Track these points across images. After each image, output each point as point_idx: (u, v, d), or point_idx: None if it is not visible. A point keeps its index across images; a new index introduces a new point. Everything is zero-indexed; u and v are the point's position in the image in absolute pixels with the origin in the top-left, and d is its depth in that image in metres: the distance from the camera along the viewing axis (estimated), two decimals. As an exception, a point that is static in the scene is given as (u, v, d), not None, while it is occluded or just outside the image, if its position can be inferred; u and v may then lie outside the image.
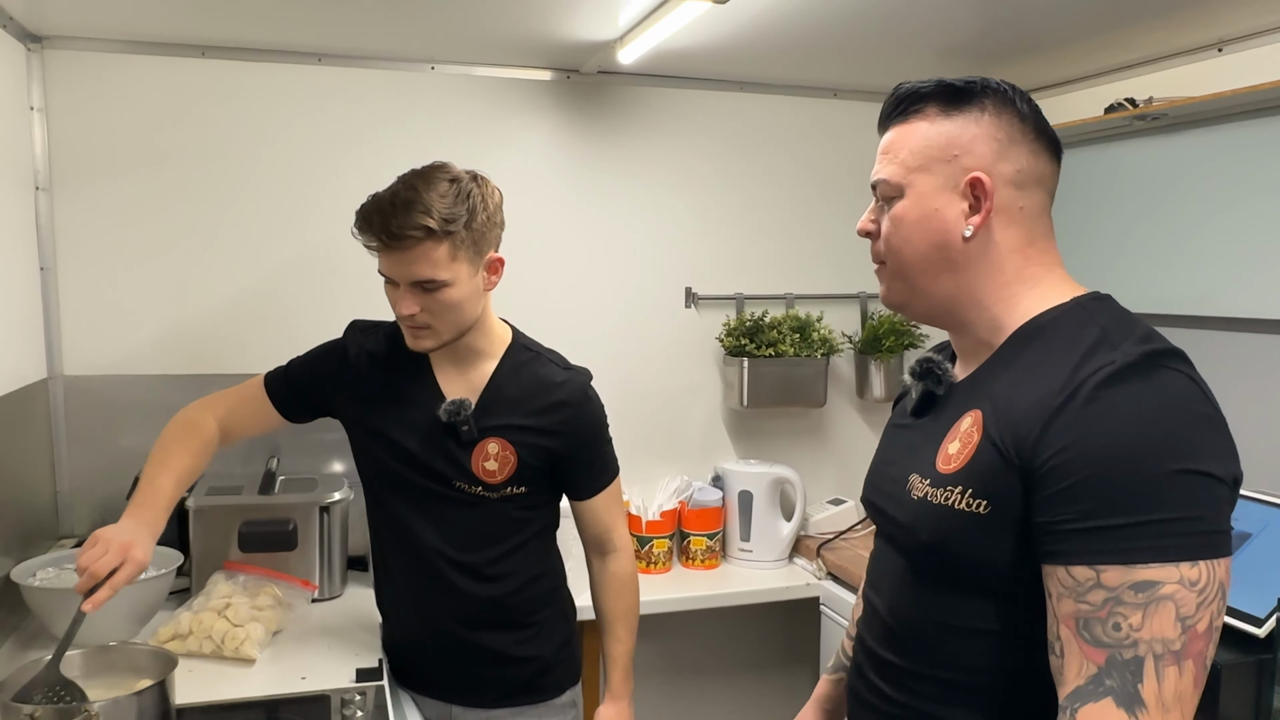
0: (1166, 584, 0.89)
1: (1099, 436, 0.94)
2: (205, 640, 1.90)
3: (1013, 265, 1.12)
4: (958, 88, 1.13)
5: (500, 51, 2.55)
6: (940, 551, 1.09)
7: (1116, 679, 0.90)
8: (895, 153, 1.16)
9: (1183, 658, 0.89)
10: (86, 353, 2.44)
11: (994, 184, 1.09)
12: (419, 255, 1.61)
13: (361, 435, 1.85)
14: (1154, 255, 2.46)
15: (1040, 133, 1.14)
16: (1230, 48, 2.29)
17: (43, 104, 2.35)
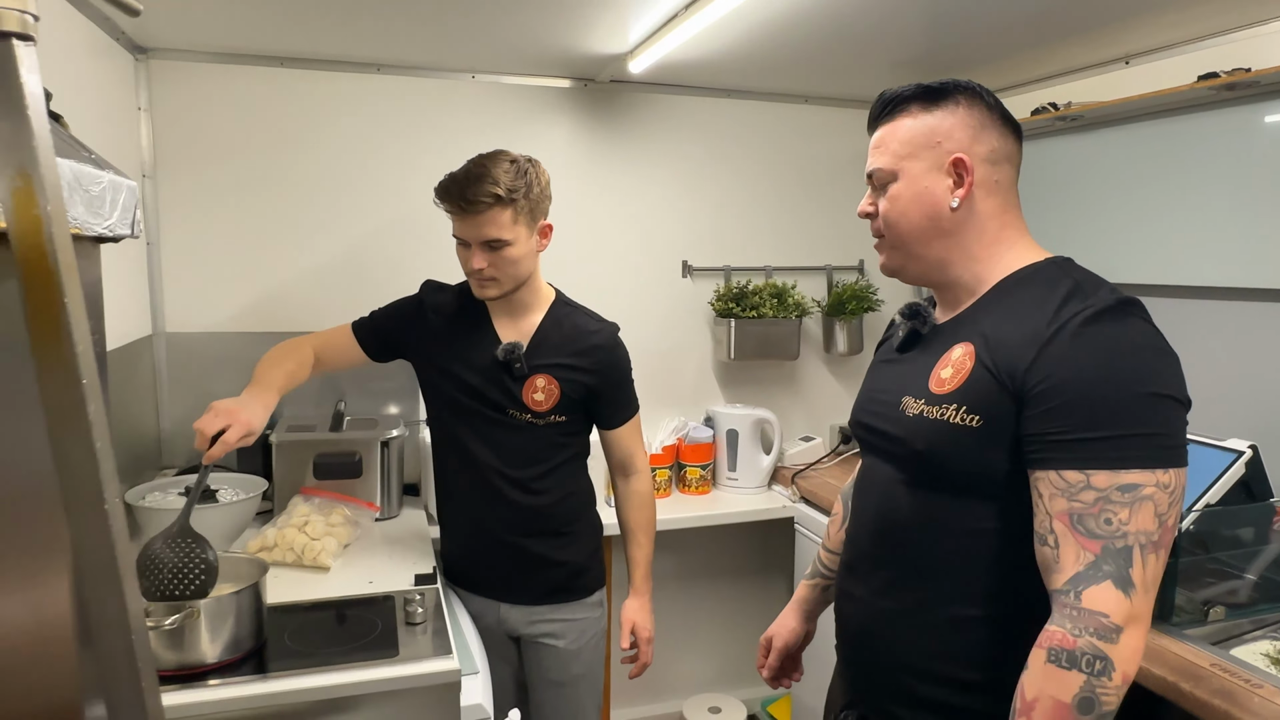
0: (1147, 486, 0.92)
1: (1084, 364, 0.96)
2: (288, 551, 1.87)
3: (993, 228, 1.13)
4: (934, 88, 1.14)
5: (529, 63, 2.50)
6: (933, 459, 1.09)
7: (1113, 564, 0.92)
8: (886, 145, 1.16)
9: (1160, 547, 0.93)
10: (184, 313, 2.40)
11: (973, 162, 1.10)
12: (488, 219, 1.64)
13: (431, 372, 1.83)
14: (1071, 234, 2.43)
15: (1005, 120, 1.15)
16: (1136, 61, 2.26)
17: (148, 105, 2.30)
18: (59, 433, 0.38)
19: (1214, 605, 1.64)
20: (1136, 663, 0.93)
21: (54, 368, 0.38)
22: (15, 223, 0.37)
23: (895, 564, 1.16)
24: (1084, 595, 0.92)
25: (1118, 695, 0.92)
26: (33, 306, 0.39)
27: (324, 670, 1.41)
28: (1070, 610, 0.93)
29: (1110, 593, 0.91)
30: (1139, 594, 0.91)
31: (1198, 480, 1.68)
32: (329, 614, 1.65)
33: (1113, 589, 0.91)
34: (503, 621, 1.83)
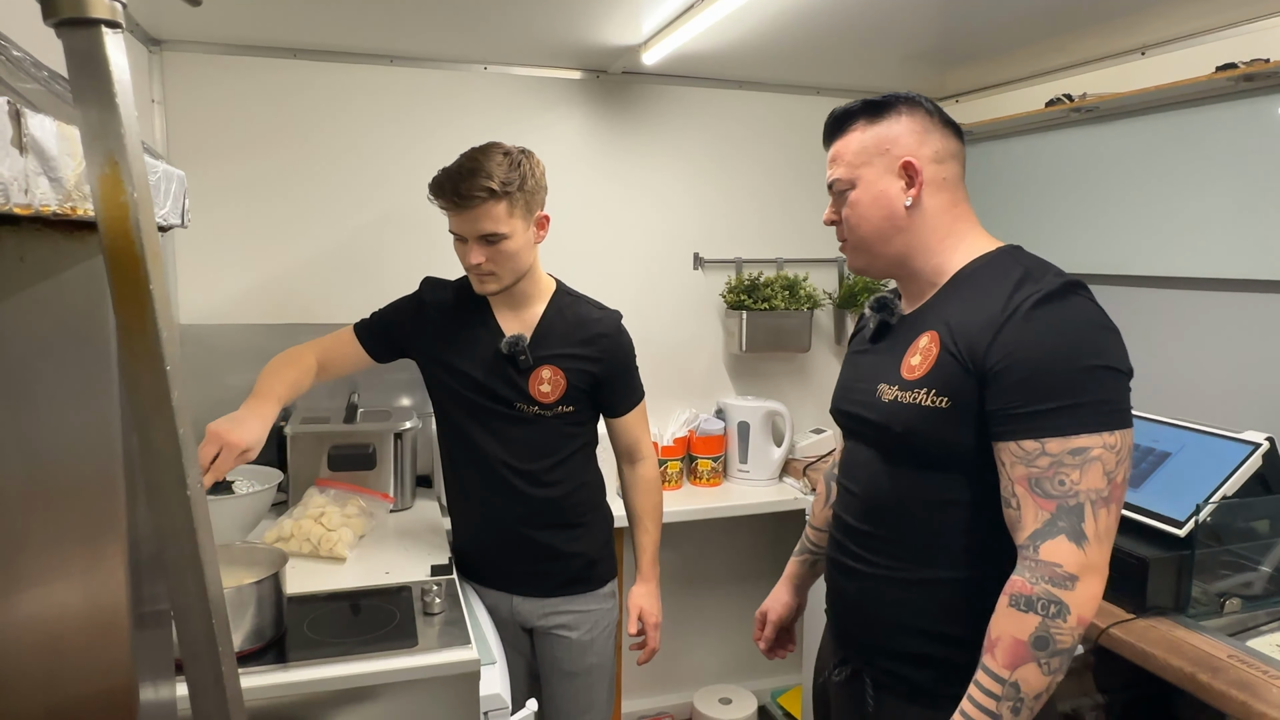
0: (1095, 448, 1.03)
1: (1035, 343, 1.06)
2: (304, 542, 1.88)
3: (946, 222, 1.23)
4: (877, 102, 1.24)
5: (541, 55, 2.50)
6: (910, 439, 1.19)
7: (1066, 521, 1.02)
8: (842, 158, 1.27)
9: (1110, 502, 1.04)
10: (198, 305, 2.41)
11: (920, 163, 1.21)
12: (483, 213, 1.63)
13: (436, 369, 1.83)
14: (1087, 226, 2.43)
15: (945, 122, 1.25)
16: (1151, 52, 2.25)
17: (162, 97, 2.30)
18: (144, 418, 0.39)
19: (1229, 597, 1.65)
20: (1093, 607, 1.04)
21: (140, 354, 0.39)
22: (103, 209, 0.38)
23: (881, 536, 1.26)
24: (1041, 549, 1.03)
25: (1072, 635, 1.02)
26: (119, 293, 0.39)
27: (344, 660, 1.42)
28: (1030, 562, 1.04)
29: (1064, 545, 1.02)
30: (1092, 545, 1.02)
31: (1215, 473, 1.68)
32: (347, 604, 1.66)
33: (1066, 542, 1.02)
34: (515, 613, 1.84)
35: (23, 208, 0.36)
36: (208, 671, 0.39)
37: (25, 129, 0.36)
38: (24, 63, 0.53)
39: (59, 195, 0.40)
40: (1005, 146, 2.72)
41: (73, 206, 0.41)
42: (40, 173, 0.38)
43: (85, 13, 0.37)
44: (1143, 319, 2.30)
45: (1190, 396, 2.17)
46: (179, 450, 0.39)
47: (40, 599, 0.51)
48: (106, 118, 0.37)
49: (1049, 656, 1.02)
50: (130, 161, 0.37)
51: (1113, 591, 1.66)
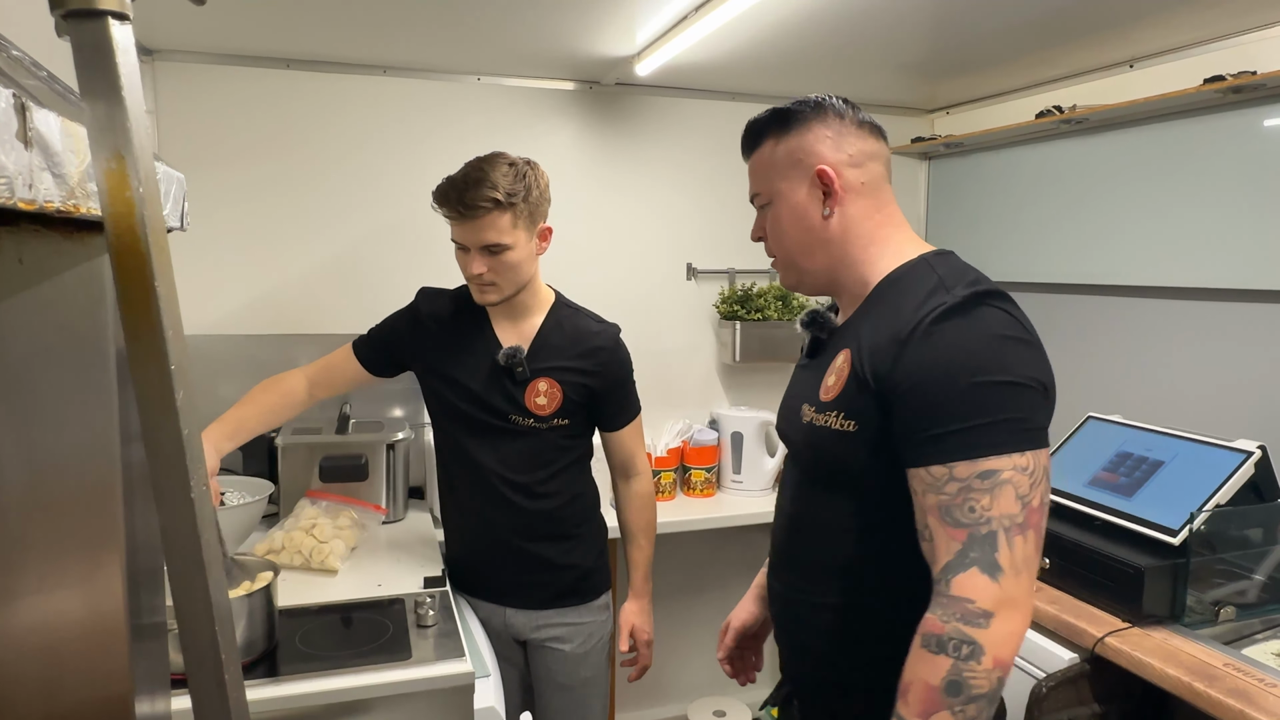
0: (1005, 470, 0.94)
1: (935, 363, 0.99)
2: (295, 554, 1.86)
3: (868, 229, 1.16)
4: (785, 111, 1.18)
5: (534, 65, 2.50)
6: (821, 462, 1.15)
7: (978, 551, 0.93)
8: (759, 172, 1.22)
9: (1026, 528, 0.94)
10: (189, 315, 2.38)
11: (836, 170, 1.14)
12: (487, 224, 1.63)
13: (433, 380, 1.82)
14: (1077, 236, 2.45)
15: (861, 122, 1.18)
16: (1140, 64, 2.28)
17: (155, 107, 2.30)
18: (148, 419, 0.38)
19: (1224, 605, 1.65)
20: (1012, 646, 0.94)
21: (144, 353, 0.38)
22: (109, 205, 0.37)
23: (800, 559, 1.21)
24: (952, 583, 0.94)
25: (988, 679, 0.92)
26: (125, 291, 0.38)
27: (337, 673, 1.40)
28: (941, 598, 0.95)
29: (976, 579, 0.93)
30: (1008, 577, 0.93)
31: (1208, 481, 1.69)
32: (339, 617, 1.64)
33: (979, 574, 0.93)
34: (509, 626, 1.82)
35: (26, 203, 0.35)
36: (210, 678, 0.38)
37: (30, 123, 0.36)
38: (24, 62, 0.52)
39: (62, 192, 0.39)
40: (996, 157, 2.74)
41: (75, 204, 0.41)
42: (44, 168, 0.37)
43: (93, 4, 0.37)
44: (1133, 329, 2.32)
45: (1182, 405, 2.18)
46: (183, 451, 0.38)
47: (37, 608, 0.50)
48: (114, 112, 0.37)
49: (963, 704, 0.92)
50: (137, 157, 0.37)
51: (1108, 600, 1.67)
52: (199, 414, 0.45)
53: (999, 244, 2.73)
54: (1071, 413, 2.31)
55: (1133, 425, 1.98)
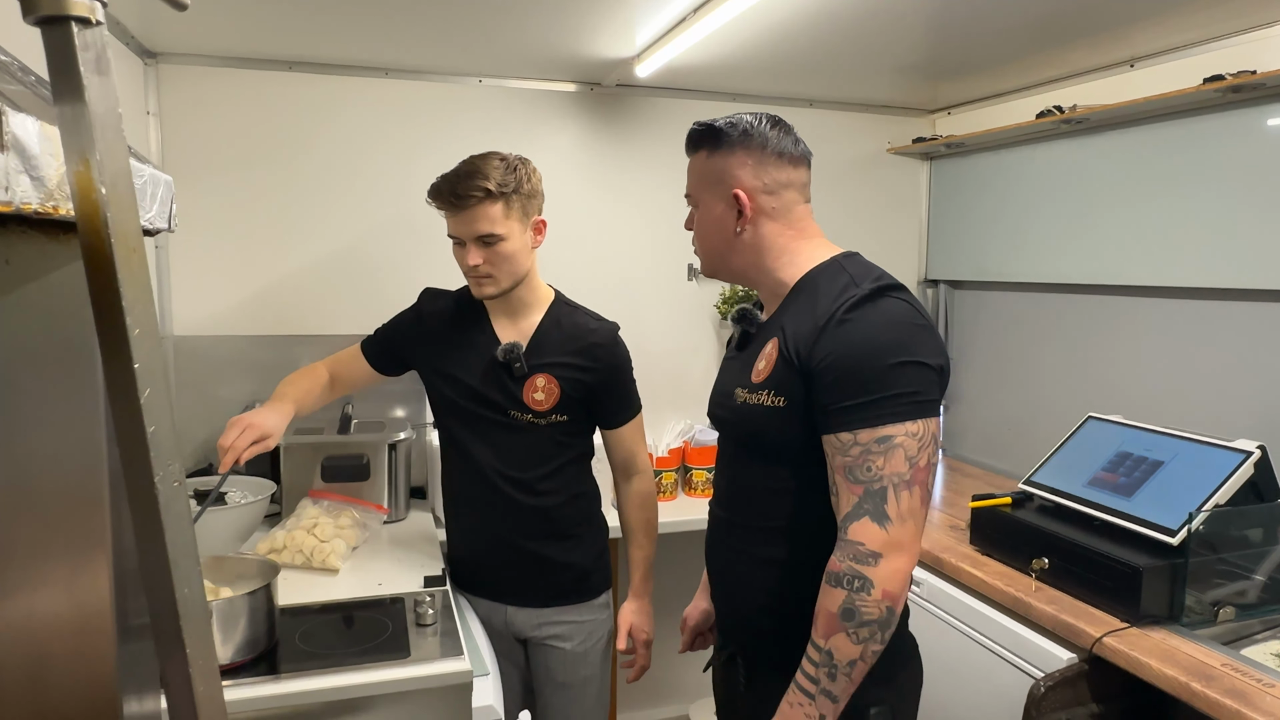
0: (898, 436, 1.11)
1: (846, 345, 1.15)
2: (297, 554, 1.87)
3: (780, 244, 1.31)
4: (719, 131, 1.30)
5: (536, 67, 2.51)
6: (757, 436, 1.29)
7: (870, 503, 1.11)
8: (691, 175, 1.36)
9: (911, 484, 1.11)
10: (191, 316, 2.40)
11: (750, 195, 1.28)
12: (480, 214, 1.66)
13: (434, 378, 1.83)
14: (1078, 236, 2.44)
15: (780, 154, 1.30)
16: (1140, 64, 2.27)
17: (157, 109, 2.31)
18: (118, 416, 0.38)
19: (1223, 605, 1.65)
20: (898, 581, 1.11)
21: (112, 352, 0.38)
22: (78, 206, 0.38)
23: (738, 523, 1.35)
24: (849, 529, 1.12)
25: (878, 607, 1.10)
26: (94, 291, 0.39)
27: (336, 671, 1.41)
28: (841, 543, 1.13)
29: (868, 525, 1.11)
30: (894, 525, 1.10)
31: (1207, 481, 1.68)
32: (339, 616, 1.65)
33: (870, 523, 1.11)
34: (509, 624, 1.83)
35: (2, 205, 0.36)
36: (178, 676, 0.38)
37: (6, 127, 0.36)
38: (11, 66, 0.52)
39: (40, 194, 0.39)
40: (996, 158, 2.73)
41: (55, 206, 0.41)
42: (21, 171, 0.38)
43: (60, 10, 0.37)
44: (1133, 328, 2.31)
45: (1182, 405, 2.17)
46: (147, 449, 0.38)
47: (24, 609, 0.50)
48: (78, 114, 0.37)
49: (856, 626, 1.10)
50: (101, 159, 0.37)
51: (1106, 600, 1.67)
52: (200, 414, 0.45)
53: (1000, 244, 2.72)
54: (1071, 412, 2.31)
55: (1133, 425, 1.97)
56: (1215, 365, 2.09)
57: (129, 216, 0.38)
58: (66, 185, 0.41)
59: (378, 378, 1.92)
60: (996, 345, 2.83)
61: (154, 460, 0.38)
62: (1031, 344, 2.66)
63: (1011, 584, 1.81)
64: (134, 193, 0.38)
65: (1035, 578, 1.80)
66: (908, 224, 3.06)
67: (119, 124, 0.38)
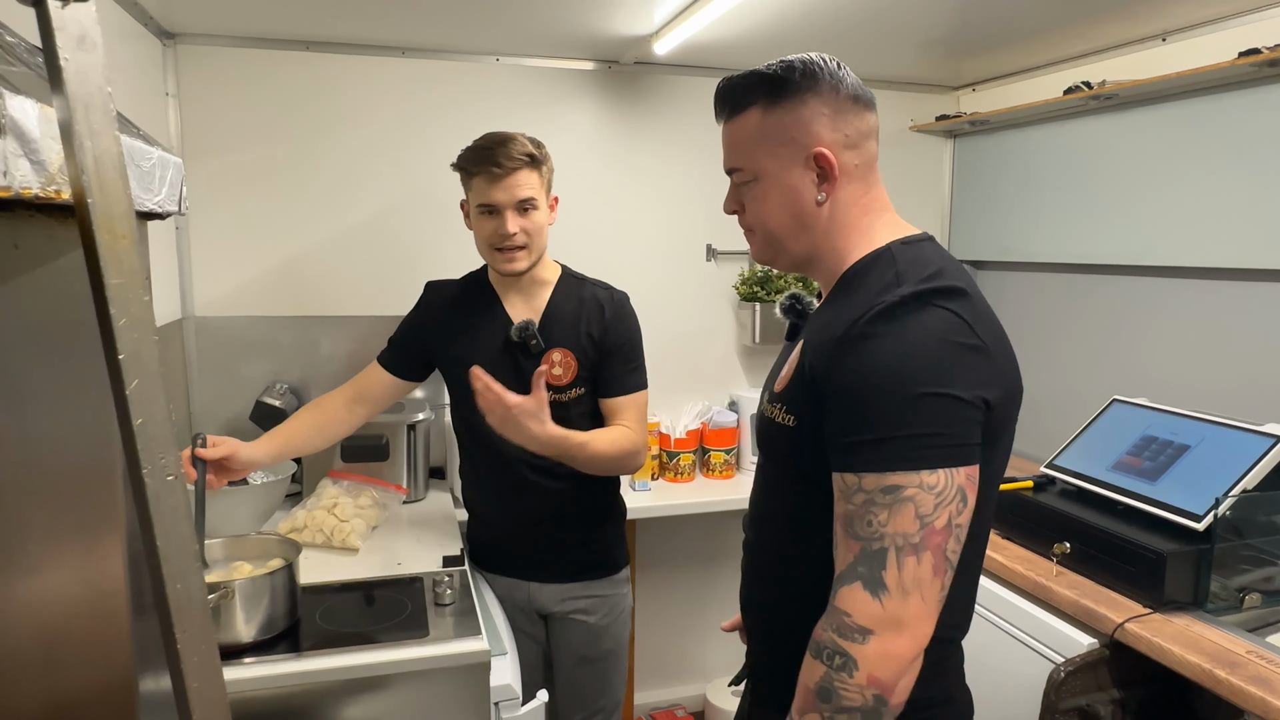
0: (909, 488, 0.88)
1: (864, 365, 0.93)
2: (317, 533, 1.89)
3: (855, 214, 1.08)
4: (778, 78, 1.05)
5: (553, 46, 2.49)
6: (774, 453, 1.13)
7: (865, 566, 0.90)
8: (741, 144, 1.11)
9: (921, 549, 0.89)
10: (212, 298, 2.42)
11: (833, 153, 1.04)
12: (522, 180, 1.66)
13: (450, 365, 1.82)
14: (1107, 216, 2.39)
15: (856, 97, 1.07)
16: (1173, 37, 2.21)
17: (176, 90, 2.31)
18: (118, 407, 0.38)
19: (1249, 592, 1.63)
20: (891, 668, 0.89)
21: (104, 340, 0.38)
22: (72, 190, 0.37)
23: (758, 545, 1.19)
24: (839, 593, 0.91)
25: (860, 694, 0.89)
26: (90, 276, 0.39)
27: (356, 650, 1.42)
28: (830, 608, 0.93)
29: (858, 594, 0.90)
30: (892, 597, 0.88)
31: (1235, 466, 1.65)
32: (359, 595, 1.66)
33: (861, 590, 0.90)
34: (532, 600, 1.84)
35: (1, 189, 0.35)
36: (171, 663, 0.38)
37: (4, 110, 0.35)
38: (16, 48, 0.52)
39: (41, 178, 0.39)
40: (1022, 136, 2.68)
41: (57, 190, 0.41)
42: (20, 154, 0.37)
43: (41, -12, 0.36)
44: (1162, 309, 2.27)
45: (1210, 388, 2.13)
46: (134, 439, 0.38)
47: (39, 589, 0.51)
48: (58, 96, 0.36)
49: (833, 711, 0.90)
50: (83, 141, 0.36)
51: (1129, 586, 1.65)
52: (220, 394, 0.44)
53: (1025, 224, 2.68)
54: (1096, 395, 2.28)
55: (1159, 408, 1.94)
56: (1245, 347, 2.05)
57: (116, 201, 0.37)
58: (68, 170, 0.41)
59: (402, 386, 1.89)
60: (1020, 327, 2.79)
61: (141, 453, 0.37)
62: (1056, 325, 2.62)
63: (1032, 568, 1.80)
64: (124, 176, 0.37)
65: (1056, 562, 1.79)
66: (930, 203, 3.01)
67: (107, 104, 0.38)
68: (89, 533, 0.51)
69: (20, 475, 0.48)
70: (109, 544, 0.52)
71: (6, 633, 0.47)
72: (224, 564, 1.57)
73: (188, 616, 0.40)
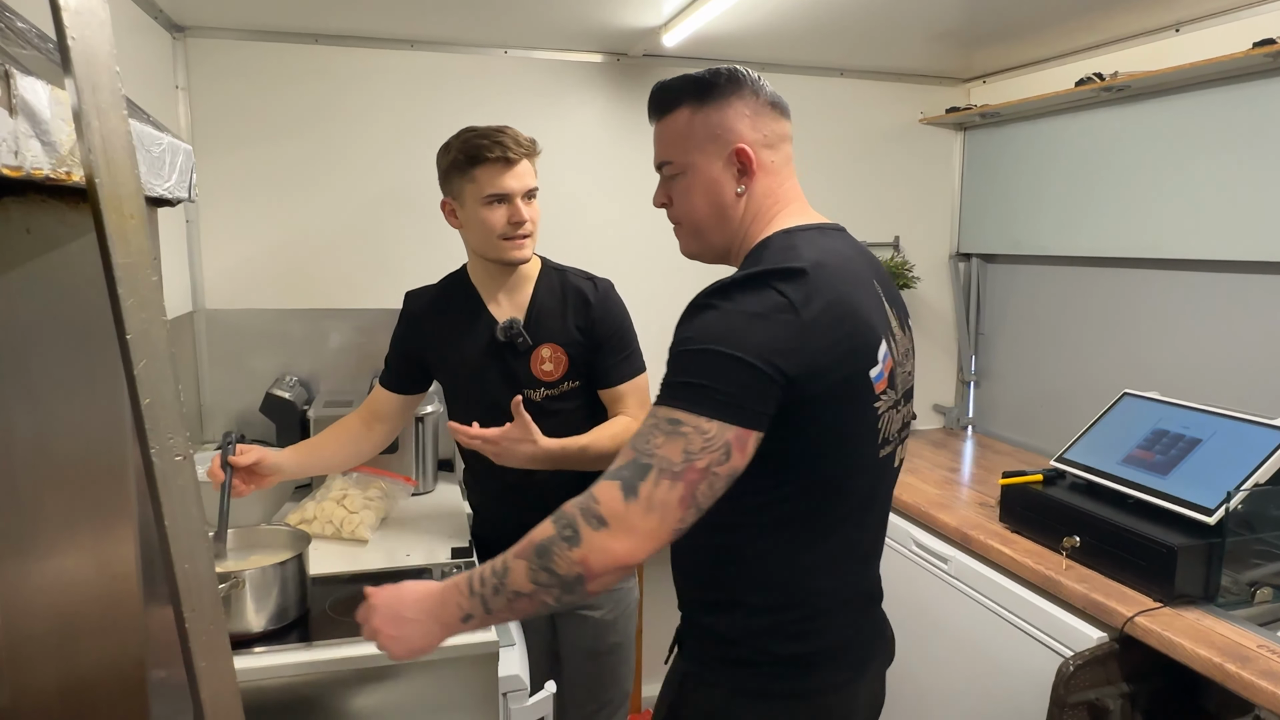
0: (686, 425, 0.98)
1: (683, 328, 1.05)
2: (326, 524, 1.90)
3: (764, 207, 1.18)
4: (706, 81, 1.18)
5: (561, 38, 2.48)
6: None
7: (630, 473, 0.99)
8: (671, 140, 1.21)
9: (677, 479, 0.98)
10: (223, 290, 2.43)
11: (753, 150, 1.16)
12: (528, 168, 1.68)
13: (441, 372, 1.82)
14: (1119, 208, 2.38)
15: (773, 104, 1.20)
16: (1186, 28, 2.20)
17: (186, 83, 2.32)
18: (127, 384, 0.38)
19: (1261, 586, 1.62)
20: (605, 559, 0.97)
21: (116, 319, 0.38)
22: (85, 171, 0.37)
23: None
24: (600, 484, 1.00)
25: (568, 567, 0.98)
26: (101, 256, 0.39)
27: (365, 640, 1.42)
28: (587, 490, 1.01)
29: (614, 490, 0.98)
30: (639, 506, 0.97)
31: (1247, 460, 1.64)
32: (369, 585, 1.66)
33: (617, 489, 0.98)
34: (537, 596, 1.83)
35: (12, 169, 0.35)
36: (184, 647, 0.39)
37: (15, 91, 0.35)
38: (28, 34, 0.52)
39: (52, 159, 0.39)
40: (1033, 128, 2.66)
41: (68, 171, 0.41)
42: (31, 135, 0.37)
43: (50, -26, 0.36)
44: (1173, 303, 2.26)
45: (1221, 382, 2.12)
46: (143, 420, 0.38)
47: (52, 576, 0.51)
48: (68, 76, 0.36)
49: (540, 568, 1.00)
50: (88, 120, 0.36)
51: (1139, 580, 1.64)
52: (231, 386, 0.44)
53: (1035, 217, 2.66)
54: (1106, 389, 2.27)
55: (1170, 402, 1.93)
56: (1257, 340, 2.04)
57: (123, 180, 0.37)
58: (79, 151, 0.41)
59: (409, 401, 1.89)
60: (1029, 320, 2.78)
61: (150, 432, 0.38)
62: (1066, 318, 2.61)
63: (1041, 562, 1.79)
64: (132, 157, 0.37)
65: (1066, 556, 1.78)
66: (940, 196, 3.00)
67: (114, 84, 0.38)
68: (102, 518, 0.51)
69: (34, 460, 0.48)
70: (121, 529, 0.52)
71: (23, 615, 0.47)
72: (234, 555, 1.58)
73: (195, 595, 0.41)
